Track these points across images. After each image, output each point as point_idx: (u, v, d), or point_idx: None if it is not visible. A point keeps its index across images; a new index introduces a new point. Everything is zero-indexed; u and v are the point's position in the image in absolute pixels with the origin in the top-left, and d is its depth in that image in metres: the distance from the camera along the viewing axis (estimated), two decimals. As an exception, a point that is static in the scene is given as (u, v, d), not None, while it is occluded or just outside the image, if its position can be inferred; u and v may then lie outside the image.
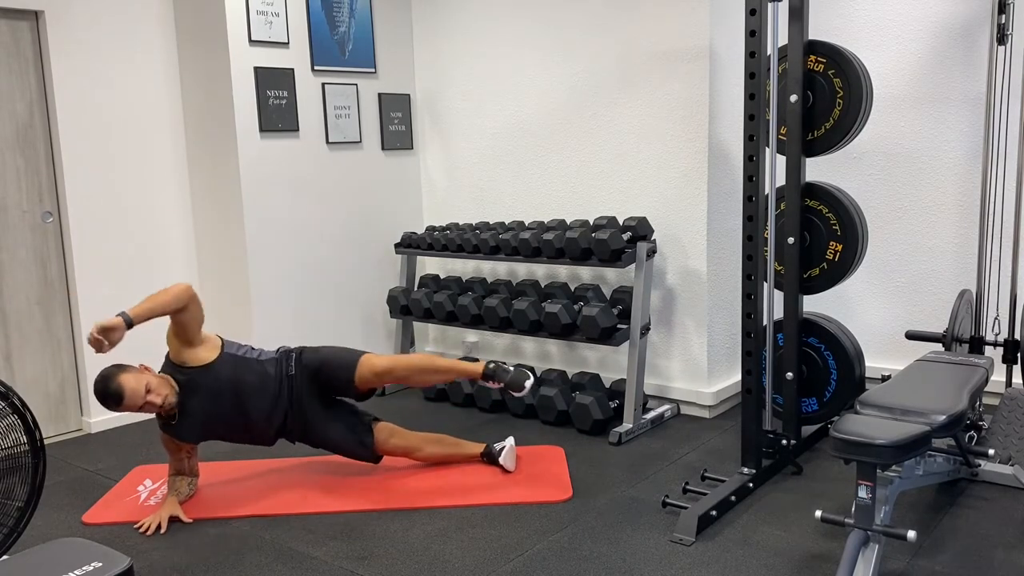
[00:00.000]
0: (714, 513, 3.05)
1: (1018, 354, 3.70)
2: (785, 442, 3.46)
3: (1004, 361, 3.76)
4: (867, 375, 3.79)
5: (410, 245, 4.95)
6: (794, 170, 3.53)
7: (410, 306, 4.81)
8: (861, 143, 4.35)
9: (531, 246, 4.31)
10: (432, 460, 3.68)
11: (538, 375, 4.55)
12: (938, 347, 3.64)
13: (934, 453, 3.04)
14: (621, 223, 4.18)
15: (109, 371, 3.16)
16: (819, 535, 2.94)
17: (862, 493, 2.46)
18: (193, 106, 4.61)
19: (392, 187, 5.17)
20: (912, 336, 3.75)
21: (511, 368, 3.54)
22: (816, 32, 4.27)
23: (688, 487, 3.27)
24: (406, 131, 5.19)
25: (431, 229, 4.92)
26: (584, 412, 4.03)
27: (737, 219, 4.32)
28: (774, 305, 3.53)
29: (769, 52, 3.25)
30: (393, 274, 5.20)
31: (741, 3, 3.99)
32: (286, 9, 4.50)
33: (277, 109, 4.52)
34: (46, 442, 2.84)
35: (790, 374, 3.63)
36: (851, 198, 3.59)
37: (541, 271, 4.83)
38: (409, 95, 5.20)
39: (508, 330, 4.42)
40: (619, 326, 4.05)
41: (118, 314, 3.08)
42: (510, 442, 3.67)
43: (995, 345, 3.79)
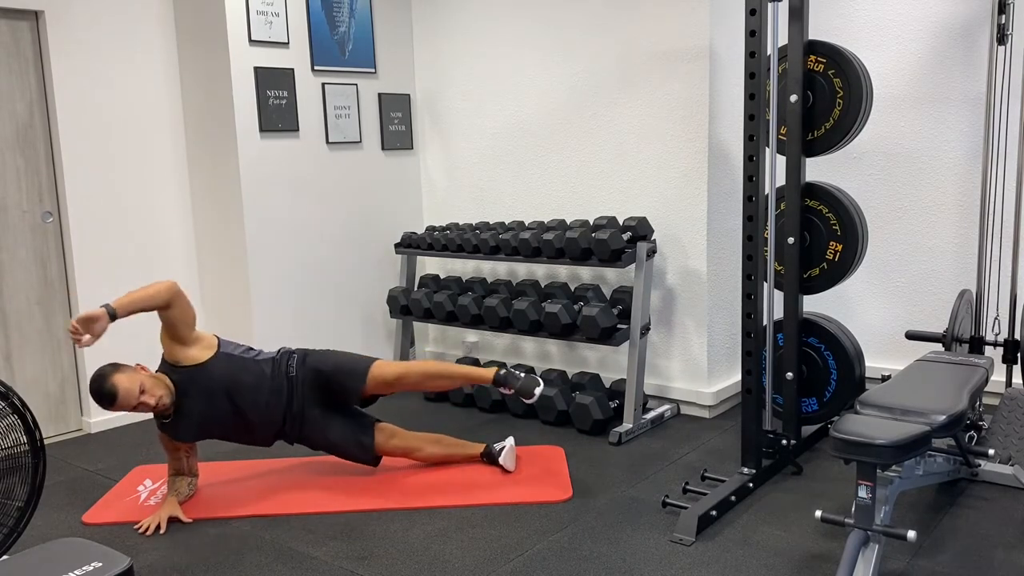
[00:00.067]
0: (714, 513, 3.05)
1: (1018, 354, 3.70)
2: (785, 442, 3.46)
3: (1004, 361, 3.76)
4: (867, 375, 3.79)
5: (410, 245, 4.95)
6: (794, 170, 3.53)
7: (410, 306, 4.82)
8: (861, 143, 4.36)
9: (531, 246, 4.31)
10: (432, 460, 3.68)
11: (538, 375, 4.56)
12: (938, 347, 3.64)
13: (934, 453, 3.04)
14: (621, 223, 4.18)
15: (104, 370, 3.15)
16: (819, 535, 2.94)
17: (862, 493, 2.46)
18: (193, 106, 4.61)
19: (392, 187, 5.17)
20: (912, 336, 3.75)
21: (521, 375, 3.53)
22: (816, 32, 4.28)
23: (688, 487, 3.27)
24: (406, 131, 5.20)
25: (431, 229, 4.92)
26: (584, 412, 4.03)
27: (737, 219, 4.32)
28: (774, 305, 3.53)
29: (769, 52, 3.25)
30: (393, 274, 5.20)
31: (741, 3, 4.01)
32: (286, 9, 4.50)
33: (277, 109, 4.52)
34: (46, 442, 2.85)
35: (790, 374, 3.63)
36: (851, 198, 3.59)
37: (541, 271, 4.83)
38: (409, 95, 5.20)
39: (508, 330, 4.42)
40: (619, 326, 4.05)
41: (102, 306, 3.08)
42: (510, 442, 3.67)
43: (995, 345, 3.79)
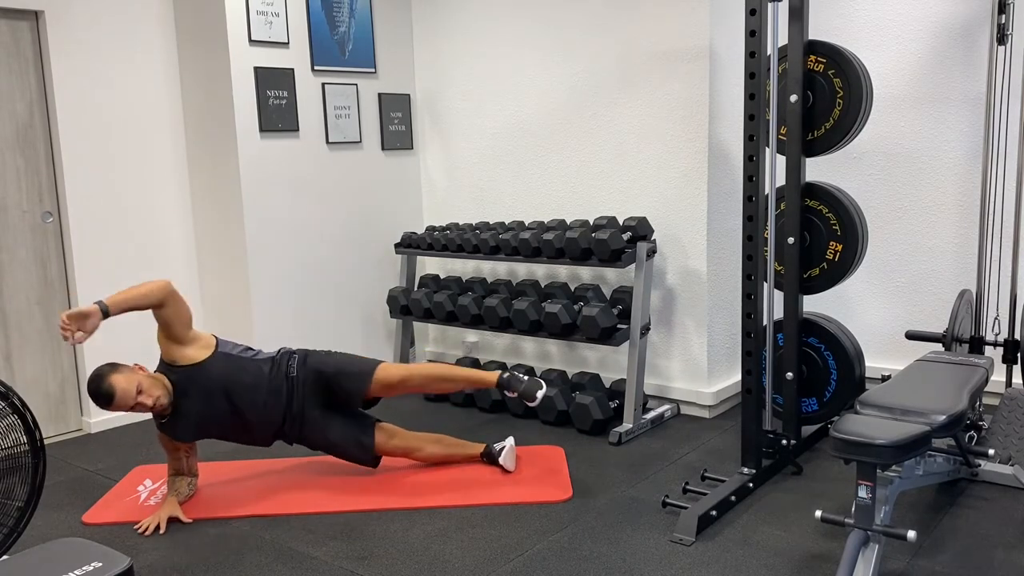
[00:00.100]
0: (714, 513, 3.05)
1: (1018, 354, 3.70)
2: (785, 442, 3.46)
3: (1004, 361, 3.76)
4: (867, 375, 3.79)
5: (410, 245, 4.95)
6: (794, 170, 3.53)
7: (410, 306, 4.81)
8: (861, 143, 4.36)
9: (531, 246, 4.31)
10: (432, 460, 3.68)
11: (538, 375, 4.56)
12: (938, 347, 3.64)
13: (934, 453, 3.04)
14: (621, 223, 4.18)
15: (102, 370, 3.15)
16: (819, 535, 2.94)
17: (862, 493, 2.46)
18: (193, 106, 4.61)
19: (392, 187, 5.17)
20: (912, 336, 3.75)
21: (525, 378, 3.54)
22: (816, 32, 4.28)
23: (688, 487, 3.27)
24: (406, 131, 5.20)
25: (431, 229, 4.92)
26: (584, 412, 4.03)
27: (737, 219, 4.32)
28: (774, 305, 3.53)
29: (769, 52, 3.25)
30: (393, 274, 5.20)
31: (741, 3, 4.00)
32: (286, 9, 4.50)
33: (277, 109, 4.52)
34: (46, 442, 2.85)
35: (790, 374, 3.63)
36: (851, 198, 3.59)
37: (541, 271, 4.83)
38: (409, 95, 5.20)
39: (508, 330, 4.42)
40: (619, 326, 4.05)
41: (95, 302, 3.08)
42: (510, 442, 3.67)
43: (995, 345, 3.79)
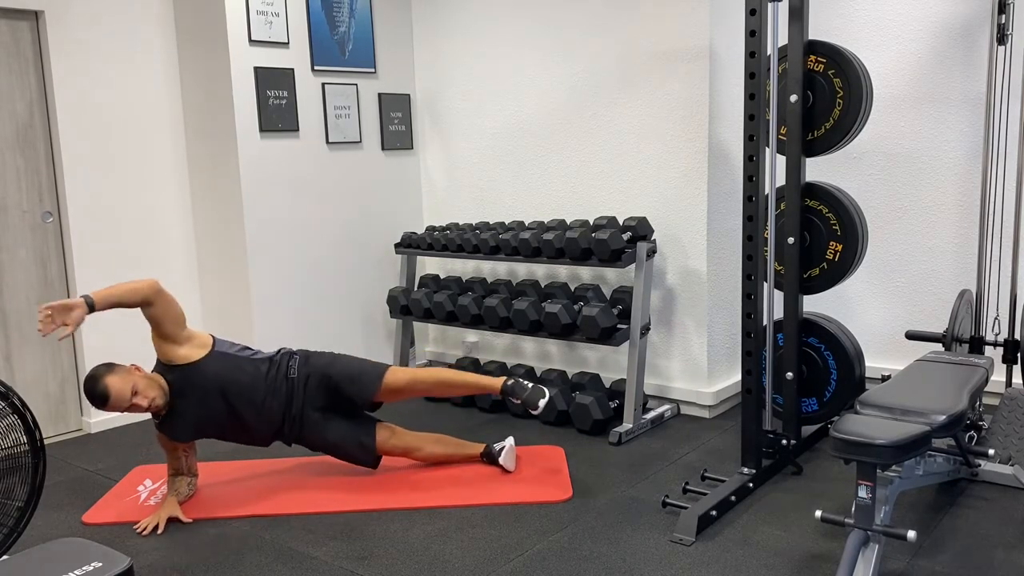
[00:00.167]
0: (714, 513, 3.05)
1: (1018, 354, 3.70)
2: (785, 442, 3.46)
3: (1004, 361, 3.76)
4: (867, 375, 3.79)
5: (410, 245, 4.95)
6: (794, 170, 3.53)
7: (410, 306, 4.81)
8: (861, 143, 4.36)
9: (531, 246, 4.31)
10: (432, 460, 3.68)
11: (538, 375, 4.56)
12: (938, 347, 3.64)
13: (934, 453, 3.04)
14: (621, 223, 4.18)
15: (98, 370, 3.15)
16: (819, 535, 2.94)
17: (862, 493, 2.46)
18: (193, 106, 4.61)
19: (392, 187, 5.17)
20: (912, 336, 3.75)
21: (529, 385, 3.53)
22: (816, 32, 4.28)
23: (688, 487, 3.27)
24: (406, 131, 5.20)
25: (431, 229, 4.92)
26: (584, 412, 4.03)
27: (737, 219, 4.32)
28: (774, 305, 3.53)
29: (769, 52, 3.25)
30: (393, 274, 5.20)
31: (741, 3, 4.00)
32: (286, 9, 4.50)
33: (277, 109, 4.52)
34: (46, 442, 2.85)
35: (790, 374, 3.63)
36: (851, 198, 3.59)
37: (541, 271, 4.83)
38: (409, 95, 5.20)
39: (508, 330, 4.42)
40: (619, 326, 4.05)
41: (81, 296, 3.09)
42: (510, 442, 3.67)
43: (995, 345, 3.79)
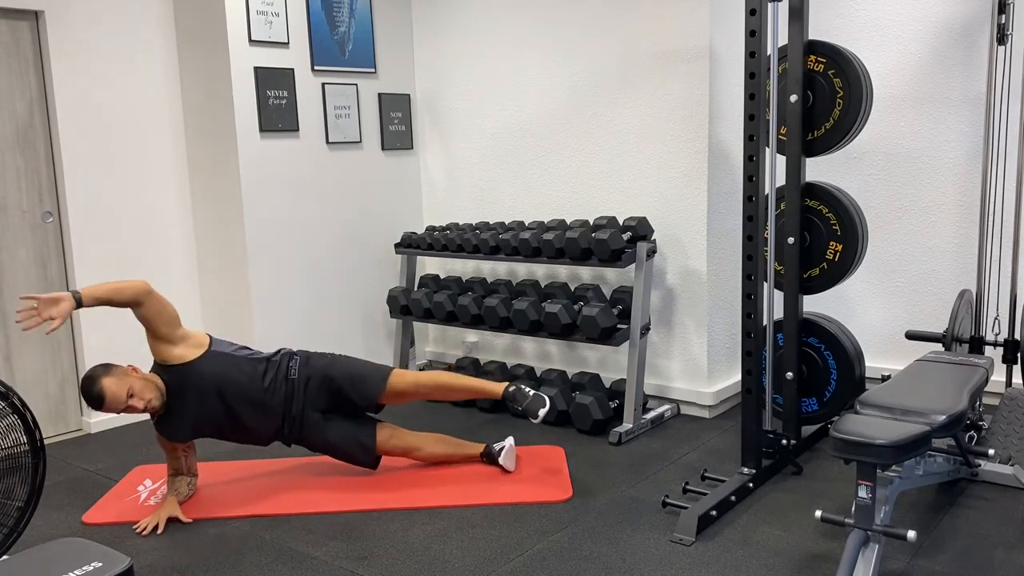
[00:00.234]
0: (714, 513, 3.05)
1: (1018, 354, 3.70)
2: (785, 442, 3.46)
3: (1004, 361, 3.76)
4: (867, 375, 3.79)
5: (410, 245, 4.95)
6: (794, 170, 3.53)
7: (410, 306, 4.81)
8: (861, 143, 4.36)
9: (531, 246, 4.31)
10: (432, 460, 3.68)
11: (538, 375, 4.56)
12: (938, 347, 3.64)
13: (934, 453, 3.04)
14: (621, 223, 4.18)
15: (95, 372, 3.16)
16: (819, 535, 2.94)
17: (862, 493, 2.46)
18: (193, 106, 4.61)
19: (392, 187, 5.17)
20: (912, 336, 3.75)
21: (530, 393, 3.53)
22: (816, 32, 4.28)
23: (688, 487, 3.27)
24: (406, 131, 5.20)
25: (431, 229, 4.92)
26: (584, 412, 4.03)
27: (737, 219, 4.32)
28: (774, 305, 3.53)
29: (769, 52, 3.25)
30: (393, 274, 5.20)
31: (741, 3, 4.00)
32: (286, 9, 4.50)
33: (277, 109, 4.52)
34: (46, 442, 2.85)
35: (790, 374, 3.63)
36: (851, 198, 3.59)
37: (541, 271, 4.83)
38: (409, 95, 5.20)
39: (508, 330, 4.42)
40: (619, 326, 4.05)
41: (70, 291, 3.10)
42: (510, 442, 3.67)
43: (995, 345, 3.79)
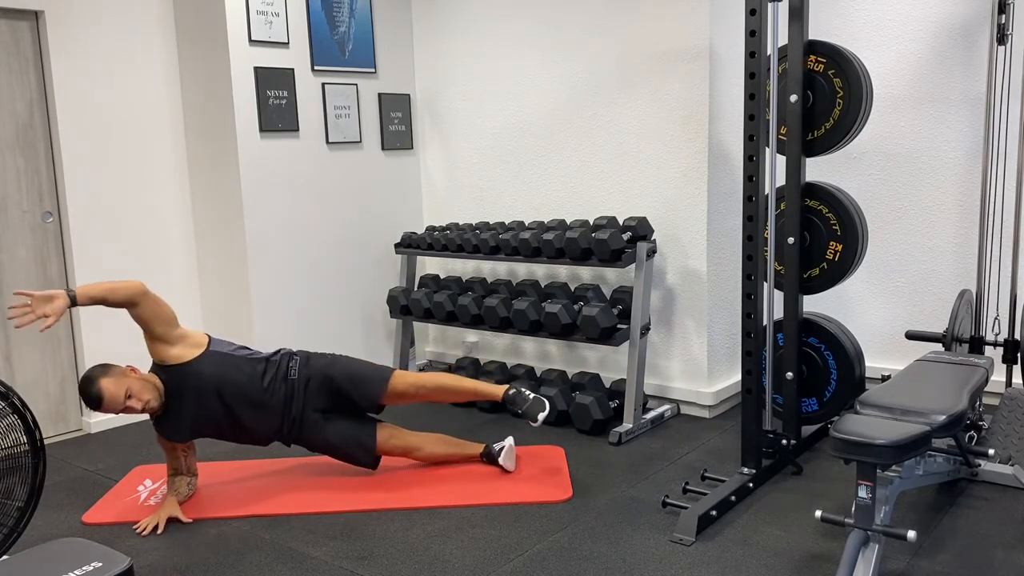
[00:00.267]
0: (714, 513, 3.05)
1: (1018, 354, 3.70)
2: (785, 442, 3.46)
3: (1004, 361, 3.76)
4: (867, 375, 3.79)
5: (410, 245, 4.95)
6: (794, 170, 3.53)
7: (410, 306, 4.81)
8: (861, 143, 4.35)
9: (531, 246, 4.31)
10: (432, 460, 3.68)
11: (538, 375, 4.56)
12: (938, 347, 3.64)
13: (934, 453, 3.04)
14: (621, 223, 4.18)
15: (93, 372, 3.16)
16: (819, 535, 2.94)
17: (862, 493, 2.46)
18: (193, 106, 4.61)
19: (392, 187, 5.17)
20: (912, 336, 3.75)
21: (530, 396, 3.54)
22: (816, 32, 4.28)
23: (688, 487, 3.27)
24: (406, 131, 5.20)
25: (431, 229, 4.92)
26: (584, 412, 4.03)
27: (737, 219, 4.32)
28: (774, 305, 3.53)
29: (769, 52, 3.25)
30: (393, 274, 5.20)
31: (741, 3, 4.00)
32: (286, 9, 4.50)
33: (277, 109, 4.52)
34: (46, 442, 2.85)
35: (790, 374, 3.63)
36: (851, 198, 3.59)
37: (541, 271, 4.83)
38: (409, 95, 5.20)
39: (508, 330, 4.42)
40: (619, 326, 4.05)
41: (65, 289, 3.10)
42: (510, 442, 3.67)
43: (995, 345, 3.79)
